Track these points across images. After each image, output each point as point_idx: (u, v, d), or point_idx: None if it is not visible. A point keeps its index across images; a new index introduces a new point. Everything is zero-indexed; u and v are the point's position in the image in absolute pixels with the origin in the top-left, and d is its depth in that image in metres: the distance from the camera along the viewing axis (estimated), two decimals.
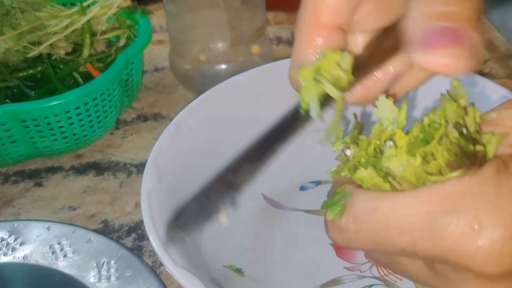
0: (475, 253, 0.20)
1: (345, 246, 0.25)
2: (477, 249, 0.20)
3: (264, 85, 0.49)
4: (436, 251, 0.21)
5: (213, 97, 0.47)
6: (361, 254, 0.44)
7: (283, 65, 0.49)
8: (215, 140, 0.46)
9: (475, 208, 0.21)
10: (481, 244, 0.20)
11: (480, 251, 0.20)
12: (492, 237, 0.20)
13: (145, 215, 0.37)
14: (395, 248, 0.23)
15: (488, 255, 0.20)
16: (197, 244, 0.42)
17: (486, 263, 0.20)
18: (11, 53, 0.55)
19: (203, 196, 0.24)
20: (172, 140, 0.43)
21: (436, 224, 0.21)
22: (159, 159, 0.41)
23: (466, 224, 0.21)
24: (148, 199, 0.38)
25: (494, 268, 0.20)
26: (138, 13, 0.61)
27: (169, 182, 0.40)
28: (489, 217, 0.20)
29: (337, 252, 0.44)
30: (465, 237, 0.20)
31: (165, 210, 0.38)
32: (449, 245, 0.21)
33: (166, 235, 0.25)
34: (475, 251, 0.20)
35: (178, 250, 0.35)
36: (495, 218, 0.20)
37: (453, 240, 0.21)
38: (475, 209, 0.21)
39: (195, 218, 0.23)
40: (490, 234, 0.20)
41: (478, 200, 0.21)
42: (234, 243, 0.45)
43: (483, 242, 0.20)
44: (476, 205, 0.21)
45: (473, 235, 0.20)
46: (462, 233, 0.20)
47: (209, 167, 0.45)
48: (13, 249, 0.42)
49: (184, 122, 0.44)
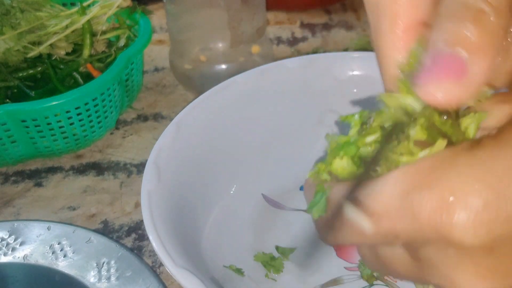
0: (450, 225, 0.20)
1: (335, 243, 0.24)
2: (452, 221, 0.20)
3: (264, 85, 0.48)
4: (415, 229, 0.21)
5: (213, 97, 0.46)
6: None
7: (283, 65, 0.49)
8: (215, 140, 0.46)
9: (448, 181, 0.20)
10: (456, 215, 0.19)
11: (456, 222, 0.19)
12: (466, 207, 0.19)
13: (145, 215, 0.37)
14: (377, 236, 0.22)
15: (464, 226, 0.19)
16: (197, 244, 0.42)
17: (464, 235, 0.20)
18: (11, 53, 0.55)
19: None
20: (172, 140, 0.43)
21: (411, 202, 0.20)
22: (159, 159, 0.41)
23: (439, 197, 0.20)
24: (148, 199, 0.38)
25: (472, 239, 0.20)
26: (138, 13, 0.61)
27: (169, 182, 0.40)
28: (462, 188, 0.20)
29: (337, 252, 0.44)
30: (439, 210, 0.20)
31: (165, 210, 0.38)
32: (425, 221, 0.20)
33: None
34: (451, 223, 0.20)
35: (178, 250, 0.35)
36: (469, 188, 0.20)
37: (428, 216, 0.20)
38: (448, 181, 0.20)
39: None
40: (464, 204, 0.19)
41: (450, 173, 0.20)
42: (234, 243, 0.45)
43: (458, 213, 0.19)
44: (449, 177, 0.20)
45: (447, 208, 0.20)
46: (436, 207, 0.20)
47: (209, 167, 0.46)
48: (13, 249, 0.42)
49: (184, 122, 0.44)
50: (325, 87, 0.49)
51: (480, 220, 0.19)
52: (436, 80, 0.20)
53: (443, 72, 0.20)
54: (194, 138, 0.44)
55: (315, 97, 0.49)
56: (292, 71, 0.49)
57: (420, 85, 0.20)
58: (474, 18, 0.20)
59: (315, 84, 0.49)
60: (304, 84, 0.49)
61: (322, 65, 0.49)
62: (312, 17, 0.78)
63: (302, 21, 0.78)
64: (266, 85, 0.48)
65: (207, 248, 0.42)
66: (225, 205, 0.47)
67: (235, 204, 0.47)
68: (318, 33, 0.75)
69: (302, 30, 0.76)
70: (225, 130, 0.47)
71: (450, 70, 0.20)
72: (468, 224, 0.19)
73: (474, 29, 0.20)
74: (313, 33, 0.75)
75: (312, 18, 0.78)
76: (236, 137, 0.48)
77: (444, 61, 0.20)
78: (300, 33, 0.75)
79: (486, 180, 0.20)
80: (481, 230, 0.19)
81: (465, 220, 0.19)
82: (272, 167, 0.50)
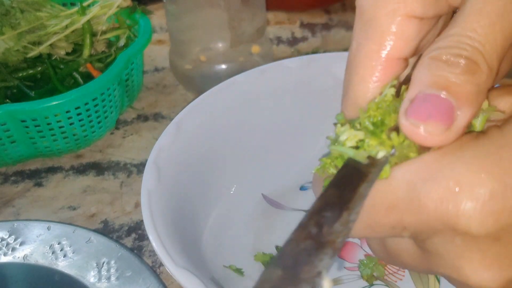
0: (457, 215, 0.20)
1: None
2: (459, 210, 0.20)
3: (264, 85, 0.48)
4: (422, 221, 0.21)
5: (213, 97, 0.46)
6: (361, 253, 0.44)
7: (283, 65, 0.49)
8: (215, 140, 0.46)
9: (453, 171, 0.20)
10: (463, 205, 0.20)
11: (463, 212, 0.20)
12: (473, 197, 0.20)
13: (145, 215, 0.36)
14: (385, 228, 0.22)
15: (470, 215, 0.20)
16: (197, 244, 0.42)
17: (470, 224, 0.20)
18: (11, 53, 0.55)
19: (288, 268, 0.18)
20: (172, 140, 0.43)
21: (418, 193, 0.21)
22: (159, 159, 0.41)
23: (446, 187, 0.20)
24: (148, 199, 0.38)
25: (479, 228, 0.20)
26: (138, 13, 0.61)
27: (169, 182, 0.40)
28: (468, 178, 0.20)
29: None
30: (446, 201, 0.20)
31: (165, 210, 0.38)
32: (432, 211, 0.21)
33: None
34: (457, 213, 0.20)
35: (178, 250, 0.35)
36: (474, 178, 0.20)
37: (435, 206, 0.21)
38: (454, 172, 0.20)
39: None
40: (470, 194, 0.20)
41: (456, 163, 0.21)
42: (234, 243, 0.45)
43: (464, 203, 0.20)
44: (454, 168, 0.20)
45: (453, 198, 0.20)
46: (442, 197, 0.20)
47: (209, 167, 0.46)
48: (13, 249, 0.42)
49: (184, 122, 0.44)
50: (325, 87, 0.48)
51: (487, 210, 0.20)
52: (424, 118, 0.20)
53: (433, 113, 0.20)
54: (194, 138, 0.44)
55: (315, 97, 0.49)
56: (292, 71, 0.49)
57: (407, 118, 0.21)
58: (468, 69, 0.21)
59: (315, 84, 0.49)
60: (304, 84, 0.49)
61: (322, 65, 0.49)
62: (312, 17, 0.78)
63: (302, 21, 0.78)
64: (266, 85, 0.48)
65: (207, 248, 0.42)
66: (225, 205, 0.47)
67: (235, 204, 0.47)
68: (318, 33, 0.75)
69: (302, 30, 0.76)
70: (225, 130, 0.47)
71: (439, 112, 0.20)
72: (475, 213, 0.20)
73: (467, 80, 0.21)
74: (313, 33, 0.75)
75: (312, 18, 0.78)
76: (236, 137, 0.48)
77: (434, 101, 0.20)
78: (300, 33, 0.75)
79: (492, 170, 0.20)
80: (488, 220, 0.20)
81: (471, 209, 0.20)
82: (272, 167, 0.50)
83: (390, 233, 0.23)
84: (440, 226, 0.21)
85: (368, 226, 0.23)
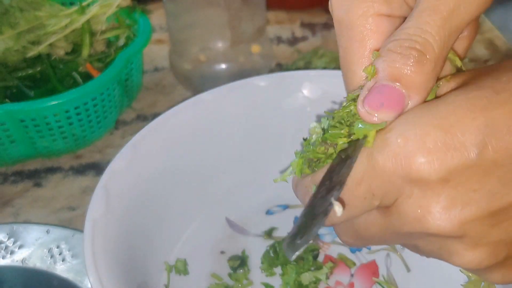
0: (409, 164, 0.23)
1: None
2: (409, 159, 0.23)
3: (232, 104, 0.45)
4: (385, 180, 0.24)
5: (175, 117, 0.43)
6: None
7: (252, 83, 0.46)
8: (175, 163, 0.43)
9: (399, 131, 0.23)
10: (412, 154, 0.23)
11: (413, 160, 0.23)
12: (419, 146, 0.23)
13: (87, 250, 0.33)
14: (359, 200, 0.25)
15: (420, 162, 0.23)
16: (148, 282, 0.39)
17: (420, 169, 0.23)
18: (10, 53, 0.55)
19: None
20: (127, 164, 0.39)
21: (375, 159, 0.24)
22: (110, 183, 0.37)
23: (396, 145, 0.23)
24: (91, 230, 0.34)
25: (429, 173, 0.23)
26: (137, 13, 0.60)
27: (120, 211, 0.37)
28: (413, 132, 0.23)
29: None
30: (398, 156, 0.23)
31: (112, 245, 0.35)
32: (390, 169, 0.23)
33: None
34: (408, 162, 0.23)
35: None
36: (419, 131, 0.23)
37: (391, 164, 0.23)
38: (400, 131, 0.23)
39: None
40: (417, 144, 0.23)
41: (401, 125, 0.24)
42: (196, 270, 0.43)
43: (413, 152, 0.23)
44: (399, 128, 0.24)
45: (403, 151, 0.23)
46: (395, 154, 0.23)
47: (168, 192, 0.43)
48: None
49: (142, 144, 0.41)
50: (295, 106, 0.46)
51: (433, 156, 0.23)
52: (377, 107, 0.24)
53: (386, 102, 0.24)
54: (151, 163, 0.41)
55: (285, 116, 0.47)
56: (261, 89, 0.46)
57: (363, 106, 0.25)
58: (419, 60, 0.24)
59: (285, 103, 0.47)
60: (273, 103, 0.46)
61: (293, 84, 0.46)
62: (312, 17, 0.78)
63: (302, 21, 0.77)
64: (234, 104, 0.45)
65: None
66: (186, 235, 0.45)
67: (197, 232, 0.45)
68: (318, 32, 0.75)
69: (302, 29, 0.76)
70: (187, 152, 0.44)
71: (391, 101, 0.24)
72: (422, 159, 0.23)
73: (417, 70, 0.24)
74: (313, 32, 0.75)
75: (312, 18, 0.78)
76: (199, 159, 0.45)
77: (387, 92, 0.24)
78: (300, 33, 0.75)
79: (434, 122, 0.23)
80: (435, 163, 0.23)
81: (420, 157, 0.23)
82: (238, 190, 0.47)
83: (363, 204, 0.25)
84: (399, 180, 0.23)
85: (346, 206, 0.25)
